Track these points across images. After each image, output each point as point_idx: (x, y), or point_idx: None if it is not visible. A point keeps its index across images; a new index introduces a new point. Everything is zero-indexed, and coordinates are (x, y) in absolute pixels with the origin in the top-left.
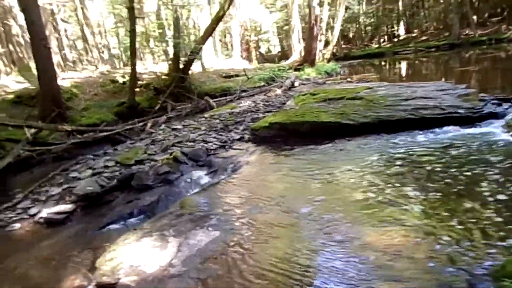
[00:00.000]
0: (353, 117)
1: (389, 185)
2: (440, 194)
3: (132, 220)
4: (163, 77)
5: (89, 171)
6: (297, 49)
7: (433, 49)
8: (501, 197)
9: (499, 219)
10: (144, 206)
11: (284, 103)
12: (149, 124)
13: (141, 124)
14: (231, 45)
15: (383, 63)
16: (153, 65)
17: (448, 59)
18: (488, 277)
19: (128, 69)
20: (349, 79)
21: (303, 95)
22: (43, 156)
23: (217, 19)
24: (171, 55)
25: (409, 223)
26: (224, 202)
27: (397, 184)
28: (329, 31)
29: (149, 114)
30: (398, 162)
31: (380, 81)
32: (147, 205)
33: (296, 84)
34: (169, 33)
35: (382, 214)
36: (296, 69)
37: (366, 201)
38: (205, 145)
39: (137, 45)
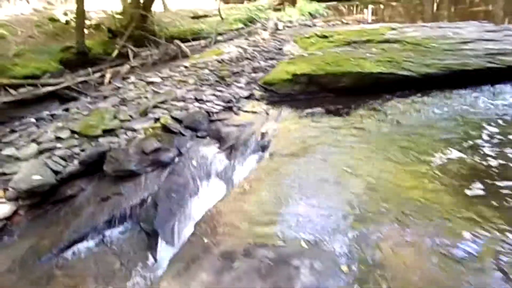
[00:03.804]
0: (408, 66)
1: None
2: None
3: (112, 233)
4: (117, 16)
5: (33, 146)
6: None
7: None
8: None
9: None
10: (132, 209)
11: (281, 49)
12: (108, 75)
13: (97, 75)
14: None
15: (361, 5)
16: (100, 2)
17: (430, 2)
18: None
19: (70, 6)
20: (343, 20)
21: (308, 37)
22: None
23: None
24: None
25: None
26: (299, 216)
27: None
28: None
29: (105, 62)
30: None
31: (383, 22)
32: (136, 205)
33: (279, 27)
34: None
35: None
36: (275, 9)
37: None
38: (203, 106)
39: None
